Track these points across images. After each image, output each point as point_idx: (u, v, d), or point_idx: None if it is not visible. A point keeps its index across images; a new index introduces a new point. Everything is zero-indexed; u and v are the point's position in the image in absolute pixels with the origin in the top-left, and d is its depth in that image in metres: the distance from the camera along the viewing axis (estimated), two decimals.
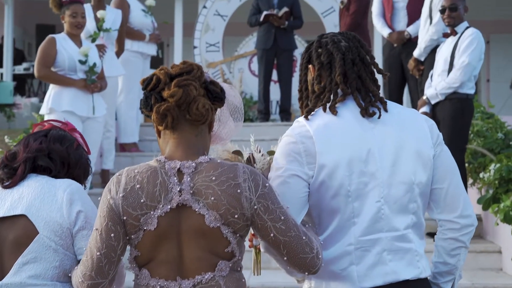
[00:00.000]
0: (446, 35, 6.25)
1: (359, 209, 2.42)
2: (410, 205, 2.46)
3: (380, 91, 2.56)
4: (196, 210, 2.22)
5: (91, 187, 6.79)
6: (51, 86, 6.31)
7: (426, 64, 6.76)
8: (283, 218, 2.25)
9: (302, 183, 2.43)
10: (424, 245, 2.52)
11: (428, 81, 6.30)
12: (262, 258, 2.70)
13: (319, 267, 2.30)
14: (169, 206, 2.22)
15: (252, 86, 10.27)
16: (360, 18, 8.37)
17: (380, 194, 2.42)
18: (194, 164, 2.25)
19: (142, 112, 2.34)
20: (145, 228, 2.23)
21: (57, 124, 2.83)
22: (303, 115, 2.52)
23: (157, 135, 2.36)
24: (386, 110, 2.51)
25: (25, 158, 2.65)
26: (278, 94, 9.42)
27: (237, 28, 12.00)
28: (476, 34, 6.00)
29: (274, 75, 9.34)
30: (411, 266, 2.45)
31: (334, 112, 2.47)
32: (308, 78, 2.60)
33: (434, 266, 2.58)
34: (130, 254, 2.31)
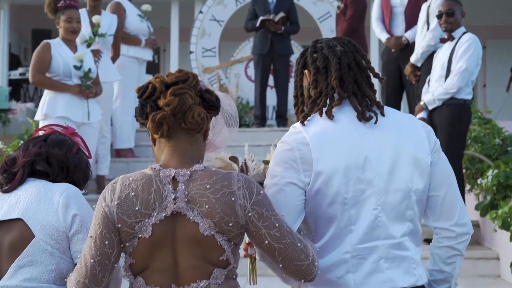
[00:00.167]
0: (443, 41, 6.23)
1: (356, 216, 2.40)
2: (407, 212, 2.44)
3: (376, 96, 2.54)
4: (190, 218, 2.22)
5: (86, 193, 6.75)
6: (46, 91, 6.29)
7: (423, 69, 6.74)
8: (278, 225, 2.24)
9: (298, 191, 2.41)
10: (420, 252, 2.50)
11: (425, 86, 6.28)
12: (258, 265, 2.68)
13: (315, 275, 2.29)
14: (163, 214, 2.22)
15: (248, 92, 10.26)
16: (356, 23, 8.37)
17: (377, 201, 2.40)
18: (188, 172, 2.25)
19: (137, 120, 2.34)
20: (139, 235, 2.23)
21: (57, 128, 2.84)
22: (299, 121, 2.50)
23: (152, 143, 2.36)
24: (383, 115, 2.49)
25: (24, 163, 2.67)
26: (274, 99, 9.41)
27: (233, 33, 11.99)
28: (473, 40, 5.99)
29: (271, 81, 9.33)
30: (408, 274, 2.43)
31: (330, 116, 2.45)
32: (303, 83, 2.58)
33: (429, 274, 2.56)
34: (125, 262, 2.31)
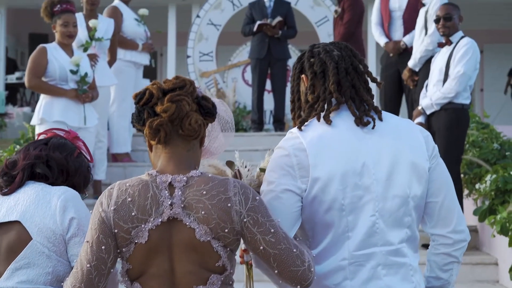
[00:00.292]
0: (441, 45, 6.21)
1: (354, 223, 2.38)
2: (405, 218, 2.43)
3: (374, 101, 2.53)
4: (187, 224, 2.22)
5: (86, 196, 6.71)
6: (42, 96, 6.26)
7: (421, 74, 6.73)
8: (273, 231, 2.24)
9: (294, 198, 2.40)
10: (418, 258, 2.49)
11: (423, 91, 6.26)
12: (255, 272, 2.67)
13: (311, 281, 2.28)
14: (160, 220, 2.23)
15: (245, 96, 10.24)
16: (353, 28, 8.35)
17: (374, 207, 2.39)
18: (185, 178, 2.26)
19: (133, 126, 2.35)
20: (136, 241, 2.24)
21: (60, 132, 2.85)
22: (297, 126, 2.48)
23: (148, 150, 2.37)
24: (381, 120, 2.48)
25: (24, 166, 2.68)
26: (271, 103, 9.39)
27: (230, 37, 11.98)
28: (471, 44, 5.97)
29: (268, 85, 9.31)
30: (406, 280, 2.42)
31: (328, 121, 2.43)
32: (300, 88, 2.57)
33: (426, 281, 2.55)
34: (122, 267, 2.31)
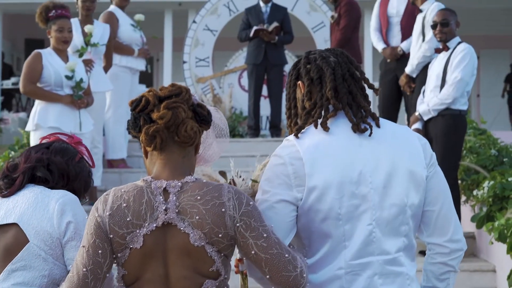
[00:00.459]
0: (438, 51, 6.19)
1: (350, 232, 2.37)
2: (402, 227, 2.42)
3: (371, 107, 2.52)
4: (181, 229, 2.24)
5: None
6: (37, 102, 6.23)
7: (418, 79, 6.71)
8: (266, 235, 2.25)
9: (289, 208, 2.38)
10: (415, 267, 2.48)
11: (420, 97, 6.24)
12: (250, 281, 2.65)
13: (304, 286, 2.27)
14: (154, 225, 2.25)
15: (242, 101, 10.22)
16: (350, 33, 8.34)
17: (371, 216, 2.37)
18: (179, 183, 2.28)
19: (129, 133, 2.36)
20: (131, 246, 2.26)
21: (62, 137, 2.87)
22: (293, 133, 2.46)
23: (143, 156, 2.39)
24: (378, 126, 2.46)
25: (24, 169, 2.71)
26: (268, 109, 9.37)
27: (227, 43, 11.96)
28: (468, 50, 5.95)
29: (264, 91, 9.29)
30: None
31: (326, 128, 2.41)
32: (297, 95, 2.55)
33: None
34: (118, 273, 2.32)
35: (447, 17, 6.03)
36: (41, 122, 6.10)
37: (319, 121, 2.43)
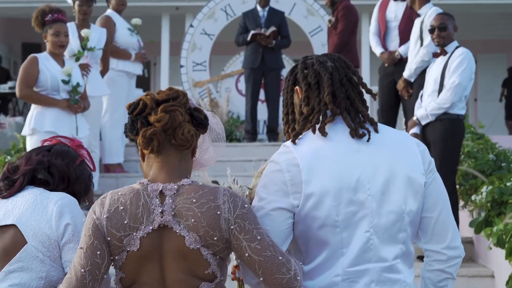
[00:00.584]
0: (435, 55, 6.16)
1: (348, 239, 2.36)
2: (400, 234, 2.40)
3: (369, 112, 2.51)
4: (177, 231, 2.25)
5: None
6: (33, 106, 6.21)
7: (416, 84, 6.69)
8: (259, 238, 2.25)
9: (285, 215, 2.37)
10: (413, 274, 2.46)
11: (418, 101, 6.21)
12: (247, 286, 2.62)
13: None
14: (151, 227, 2.26)
15: (239, 106, 10.20)
16: (347, 37, 8.33)
17: (369, 223, 2.36)
18: (176, 186, 2.29)
19: (126, 136, 2.38)
20: (128, 249, 2.27)
21: (64, 140, 2.89)
22: (291, 139, 2.44)
23: (140, 159, 2.40)
24: (376, 131, 2.44)
25: (25, 171, 2.72)
26: (265, 113, 9.36)
27: (224, 47, 11.94)
28: (466, 54, 5.93)
29: (262, 95, 9.27)
30: None
31: (324, 133, 2.40)
32: (294, 100, 2.53)
33: None
34: (116, 275, 2.34)
35: (445, 21, 6.01)
36: (37, 127, 6.08)
37: (317, 126, 2.41)
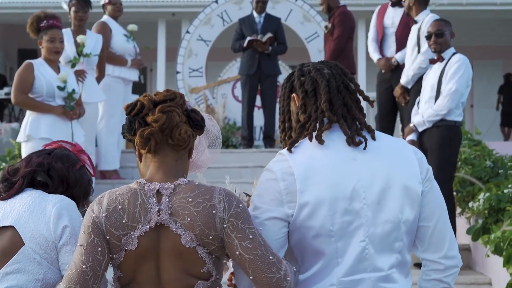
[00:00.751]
0: (432, 61, 6.14)
1: (343, 249, 2.34)
2: (396, 244, 2.38)
3: (366, 118, 2.49)
4: (173, 230, 2.28)
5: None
6: (28, 112, 6.16)
7: (413, 90, 6.67)
8: (251, 237, 2.27)
9: (280, 224, 2.36)
10: (410, 282, 2.44)
11: (414, 108, 6.19)
12: None
13: None
14: (148, 226, 2.28)
15: (235, 112, 10.18)
16: (344, 43, 8.32)
17: (365, 233, 2.34)
18: (172, 185, 2.32)
19: (124, 137, 2.41)
20: (126, 248, 2.30)
21: (66, 145, 2.90)
22: (287, 148, 2.42)
23: (138, 159, 2.43)
24: (374, 139, 2.42)
25: (24, 173, 2.73)
26: (261, 120, 9.33)
27: (220, 53, 11.94)
28: (463, 60, 5.91)
29: (258, 101, 9.25)
30: None
31: (321, 141, 2.38)
32: (291, 108, 2.51)
33: None
34: (114, 274, 2.37)
35: (442, 27, 5.99)
36: (32, 133, 6.04)
37: (314, 134, 2.40)
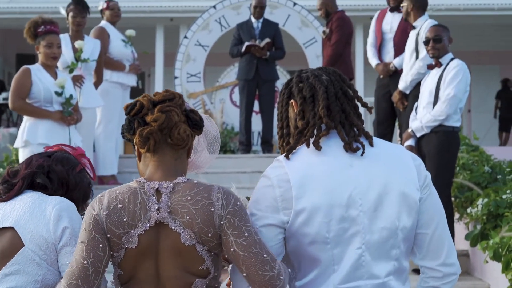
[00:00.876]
0: (430, 67, 6.14)
1: (340, 256, 2.33)
2: (393, 251, 2.37)
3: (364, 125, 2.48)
4: (172, 228, 2.30)
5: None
6: (26, 118, 6.14)
7: (411, 96, 6.66)
8: (247, 234, 2.29)
9: (275, 231, 2.36)
10: None
11: (412, 113, 6.18)
12: None
13: None
14: (148, 224, 2.30)
15: (233, 117, 10.18)
16: (341, 48, 8.31)
17: (361, 240, 2.34)
18: (171, 184, 2.34)
19: (124, 136, 2.43)
20: (126, 246, 2.32)
21: (67, 149, 2.91)
22: (284, 154, 2.42)
23: (137, 159, 2.45)
24: (371, 145, 2.42)
25: (24, 175, 2.74)
26: (259, 125, 9.33)
27: (218, 58, 11.94)
28: (461, 66, 5.90)
29: (256, 106, 9.25)
30: None
31: (318, 147, 2.38)
32: (289, 114, 2.50)
33: None
34: (114, 272, 2.39)
35: (440, 33, 5.99)
36: (30, 139, 6.02)
37: (311, 140, 2.39)
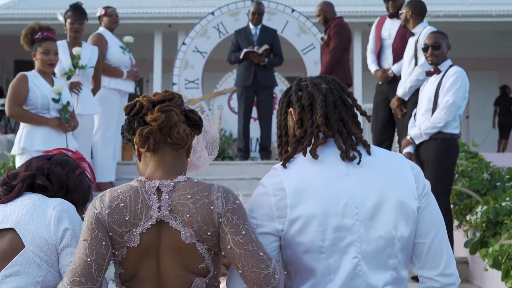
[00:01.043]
0: (429, 74, 6.12)
1: (336, 265, 2.32)
2: (390, 260, 2.36)
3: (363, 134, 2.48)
4: (173, 226, 2.32)
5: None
6: (22, 125, 6.10)
7: (409, 102, 6.64)
8: (244, 233, 2.31)
9: (270, 239, 2.37)
10: None
11: (411, 120, 6.16)
12: None
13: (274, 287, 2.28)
14: (149, 223, 2.33)
15: (231, 123, 10.16)
16: (340, 55, 8.30)
17: (357, 249, 2.32)
18: (172, 183, 2.37)
19: (123, 136, 2.46)
20: (128, 244, 2.34)
21: (67, 152, 2.93)
22: (281, 162, 2.42)
23: (137, 159, 2.48)
24: (369, 154, 2.41)
25: (24, 176, 2.75)
26: (258, 131, 9.31)
27: (216, 64, 11.93)
28: (460, 73, 5.88)
29: (254, 113, 9.23)
30: None
31: (315, 156, 2.37)
32: (288, 122, 2.50)
33: None
34: (115, 271, 2.40)
35: (439, 40, 5.97)
36: (27, 146, 5.98)
37: (309, 148, 2.39)
